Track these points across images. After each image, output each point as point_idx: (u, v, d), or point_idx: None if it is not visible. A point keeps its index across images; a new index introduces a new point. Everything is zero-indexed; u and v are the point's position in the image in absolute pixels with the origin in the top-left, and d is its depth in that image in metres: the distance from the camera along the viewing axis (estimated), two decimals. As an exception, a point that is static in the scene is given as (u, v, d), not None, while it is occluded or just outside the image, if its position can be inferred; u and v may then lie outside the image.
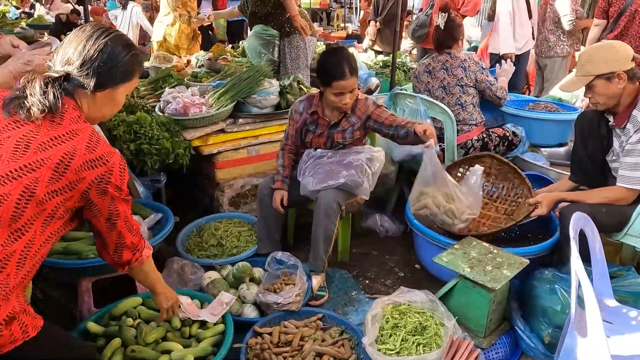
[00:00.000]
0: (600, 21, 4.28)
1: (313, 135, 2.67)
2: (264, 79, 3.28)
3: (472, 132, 3.18)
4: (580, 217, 1.84)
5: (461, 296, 2.13)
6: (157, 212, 2.59)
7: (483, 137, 3.21)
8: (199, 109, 3.05)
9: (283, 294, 2.24)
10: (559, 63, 5.12)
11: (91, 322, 1.99)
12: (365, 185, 2.50)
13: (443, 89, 3.18)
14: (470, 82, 3.16)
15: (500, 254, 2.20)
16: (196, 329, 2.01)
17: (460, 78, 3.15)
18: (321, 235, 2.45)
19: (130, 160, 2.78)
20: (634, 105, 2.24)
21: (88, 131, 1.36)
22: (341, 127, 2.62)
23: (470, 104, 3.18)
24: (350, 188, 2.50)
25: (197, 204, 3.49)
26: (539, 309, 2.09)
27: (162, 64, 4.30)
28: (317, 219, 2.47)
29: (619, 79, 2.20)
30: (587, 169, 2.51)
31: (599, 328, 1.55)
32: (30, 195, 1.26)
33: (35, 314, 1.36)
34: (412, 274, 2.83)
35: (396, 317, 2.02)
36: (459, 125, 3.13)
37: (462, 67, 3.16)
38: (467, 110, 3.17)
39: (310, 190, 2.51)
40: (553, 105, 3.73)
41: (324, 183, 2.48)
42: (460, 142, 3.15)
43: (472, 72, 3.16)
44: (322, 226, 2.45)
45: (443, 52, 3.25)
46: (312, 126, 2.67)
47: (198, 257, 2.71)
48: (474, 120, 3.19)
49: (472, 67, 3.17)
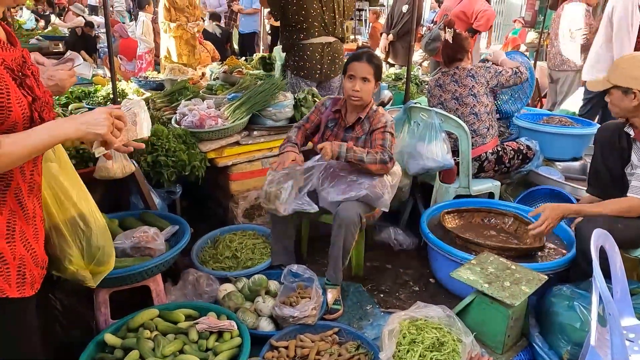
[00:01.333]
0: None
1: (330, 134, 2.72)
2: (279, 92, 3.30)
3: (487, 145, 3.18)
4: (600, 234, 1.82)
5: (479, 312, 2.12)
6: (173, 224, 2.61)
7: (498, 151, 3.21)
8: (214, 122, 3.08)
9: (299, 307, 2.24)
10: (572, 76, 5.12)
11: (109, 333, 2.00)
12: (386, 197, 2.52)
13: (456, 100, 3.20)
14: (482, 87, 3.17)
15: (518, 270, 2.19)
16: (213, 342, 2.02)
17: (471, 87, 3.17)
18: (341, 247, 2.44)
19: (147, 172, 2.81)
20: None
21: None
22: (355, 133, 2.66)
23: (484, 113, 3.18)
24: (371, 200, 2.50)
25: (212, 215, 3.50)
26: (557, 325, 2.07)
27: (177, 76, 4.34)
28: (338, 231, 2.45)
29: (634, 97, 2.20)
30: (605, 182, 2.50)
31: (621, 347, 1.54)
32: None
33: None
34: (426, 288, 2.82)
35: (413, 333, 2.01)
36: (474, 138, 3.13)
37: (471, 75, 3.18)
38: (482, 119, 3.17)
39: (330, 202, 2.51)
40: (568, 120, 3.73)
41: (346, 194, 2.48)
42: (475, 156, 3.15)
43: (481, 77, 3.18)
44: (342, 238, 2.43)
45: (452, 66, 3.26)
46: (331, 123, 2.74)
47: (213, 269, 2.72)
48: (489, 131, 3.19)
49: (480, 72, 3.19)
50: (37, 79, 1.32)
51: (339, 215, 2.46)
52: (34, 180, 1.34)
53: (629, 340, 1.83)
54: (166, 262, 2.31)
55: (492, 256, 2.31)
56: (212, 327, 2.04)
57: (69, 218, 1.63)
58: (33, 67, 1.32)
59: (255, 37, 8.79)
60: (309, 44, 3.69)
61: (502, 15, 12.82)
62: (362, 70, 2.54)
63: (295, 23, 3.66)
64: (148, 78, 4.76)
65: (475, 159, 3.17)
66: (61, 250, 1.62)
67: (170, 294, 2.49)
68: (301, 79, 3.81)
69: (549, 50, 5.37)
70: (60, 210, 1.61)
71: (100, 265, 1.74)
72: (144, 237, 2.32)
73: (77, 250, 1.66)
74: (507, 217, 2.91)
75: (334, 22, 3.74)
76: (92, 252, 1.69)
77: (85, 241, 1.67)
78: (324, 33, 3.71)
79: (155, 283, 2.36)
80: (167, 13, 5.67)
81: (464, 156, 3.04)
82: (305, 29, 3.65)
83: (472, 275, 2.14)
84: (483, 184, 3.20)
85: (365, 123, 2.65)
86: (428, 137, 3.00)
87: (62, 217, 1.61)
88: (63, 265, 1.63)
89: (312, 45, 3.69)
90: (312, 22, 3.64)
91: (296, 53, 3.74)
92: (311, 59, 3.73)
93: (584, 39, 4.90)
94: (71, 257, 1.63)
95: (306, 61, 3.73)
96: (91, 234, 1.68)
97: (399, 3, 6.61)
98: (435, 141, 2.98)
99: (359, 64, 2.55)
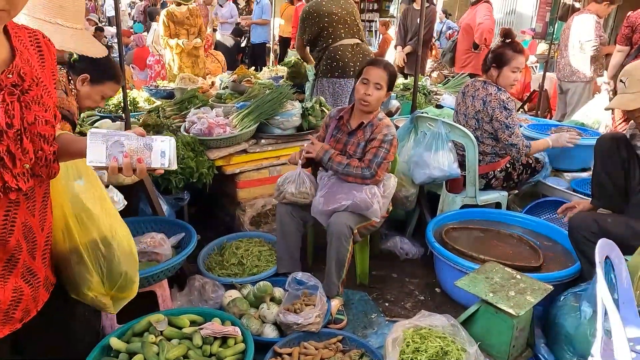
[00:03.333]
0: (623, 47, 4.27)
1: (332, 139, 2.73)
2: (287, 101, 3.34)
3: (495, 163, 3.12)
4: (605, 244, 1.81)
5: (483, 322, 2.11)
6: (181, 230, 2.64)
7: (506, 168, 3.15)
8: (223, 130, 3.11)
9: (303, 314, 2.24)
10: (582, 88, 5.10)
11: (114, 337, 2.02)
12: (375, 207, 2.49)
13: (464, 116, 3.16)
14: (487, 117, 3.01)
15: (523, 280, 2.18)
16: (217, 347, 2.02)
17: (477, 110, 3.04)
18: (333, 259, 2.45)
19: (155, 178, 2.84)
20: None
21: None
22: (357, 138, 2.65)
23: (487, 138, 3.06)
24: (360, 209, 2.49)
25: (219, 222, 3.53)
26: (563, 336, 2.05)
27: (187, 85, 4.40)
28: (330, 243, 2.47)
29: None
30: (609, 193, 2.48)
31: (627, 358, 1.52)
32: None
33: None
34: (432, 298, 2.81)
35: (417, 341, 2.00)
36: (480, 157, 3.05)
37: (483, 100, 3.01)
38: (486, 143, 3.07)
39: (319, 211, 2.53)
40: (576, 130, 3.71)
41: (334, 204, 2.49)
42: (482, 173, 3.10)
43: (490, 108, 2.97)
44: (334, 250, 2.44)
45: (482, 77, 3.14)
46: (336, 131, 2.75)
47: (219, 276, 2.73)
48: (495, 152, 3.10)
49: (492, 104, 2.96)
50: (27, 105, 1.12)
51: (329, 228, 2.47)
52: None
53: (636, 352, 1.81)
54: (172, 267, 2.33)
55: (497, 266, 2.30)
56: (216, 333, 2.05)
57: (89, 240, 1.51)
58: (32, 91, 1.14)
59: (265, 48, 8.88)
60: (339, 45, 3.95)
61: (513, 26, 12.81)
62: (377, 76, 2.54)
63: (322, 32, 3.93)
64: (159, 87, 4.83)
65: (483, 176, 3.12)
66: (80, 276, 1.50)
67: (176, 299, 2.51)
68: (336, 79, 4.01)
69: (558, 61, 5.36)
70: (82, 233, 1.49)
71: (123, 291, 1.62)
72: (151, 243, 2.34)
73: (97, 276, 1.53)
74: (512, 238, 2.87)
75: (357, 25, 4.03)
76: (113, 278, 1.56)
77: (107, 266, 1.54)
78: (350, 35, 3.97)
79: (161, 288, 2.39)
80: (165, 28, 5.67)
81: (470, 165, 3.03)
82: (332, 33, 3.93)
83: (477, 285, 2.13)
84: (490, 194, 3.19)
85: (368, 130, 2.63)
86: (435, 147, 3.00)
87: (83, 239, 1.49)
88: (82, 291, 1.52)
89: (342, 46, 3.96)
90: (336, 26, 3.92)
91: (328, 56, 3.98)
92: (343, 58, 3.96)
93: (594, 50, 4.89)
94: (90, 283, 1.51)
95: (339, 61, 3.96)
96: (113, 258, 1.54)
97: (412, 15, 6.59)
98: (441, 151, 2.98)
99: (374, 69, 2.56)
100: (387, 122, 2.66)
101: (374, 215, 2.52)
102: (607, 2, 4.89)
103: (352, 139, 2.67)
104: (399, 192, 3.18)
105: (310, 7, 3.94)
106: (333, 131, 2.75)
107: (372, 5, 15.90)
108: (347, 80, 4.00)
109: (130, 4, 15.58)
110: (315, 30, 3.94)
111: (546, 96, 6.21)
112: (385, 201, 2.62)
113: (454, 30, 11.17)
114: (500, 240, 2.85)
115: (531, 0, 12.07)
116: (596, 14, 4.91)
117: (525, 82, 6.77)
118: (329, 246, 2.47)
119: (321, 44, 3.99)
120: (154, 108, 3.78)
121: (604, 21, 5.35)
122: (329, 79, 4.02)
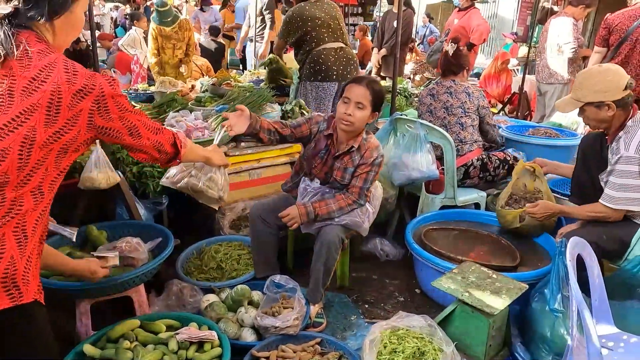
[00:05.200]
0: (600, 49, 4.32)
1: (320, 162, 2.56)
2: (266, 103, 3.33)
3: (472, 152, 3.24)
4: (577, 242, 1.84)
5: (460, 321, 2.12)
6: (157, 235, 2.60)
7: (482, 158, 3.25)
8: (201, 133, 3.09)
9: (281, 317, 2.23)
10: (560, 89, 5.17)
11: (88, 344, 1.98)
12: (366, 225, 2.56)
13: (445, 110, 3.27)
14: (473, 107, 3.26)
15: (499, 279, 2.20)
16: (193, 352, 2.00)
17: (463, 102, 3.25)
18: (322, 268, 2.42)
19: (132, 182, 2.81)
20: (621, 128, 2.31)
21: (60, 63, 1.31)
22: (343, 163, 2.50)
23: (470, 126, 3.26)
24: (351, 227, 2.52)
25: (198, 226, 3.49)
26: (538, 335, 2.07)
27: (167, 88, 4.37)
28: (319, 253, 2.43)
29: (609, 108, 2.25)
30: (587, 190, 2.52)
31: (598, 355, 1.54)
32: (31, 143, 1.25)
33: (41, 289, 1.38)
34: (412, 299, 2.81)
35: (394, 342, 2.00)
36: (459, 145, 3.20)
37: (466, 92, 3.27)
38: (468, 130, 3.25)
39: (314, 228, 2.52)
40: (552, 131, 3.77)
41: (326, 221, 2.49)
42: (460, 164, 3.20)
43: (475, 98, 3.27)
44: (323, 260, 2.41)
45: (448, 79, 3.34)
46: (323, 151, 2.56)
47: (197, 280, 2.71)
48: (474, 140, 3.26)
49: (476, 94, 3.29)
50: None
51: (320, 238, 2.44)
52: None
53: (608, 349, 1.84)
54: (148, 272, 2.30)
55: (473, 265, 2.32)
56: (193, 338, 2.03)
57: None
58: None
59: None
60: (322, 49, 3.96)
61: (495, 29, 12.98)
62: (358, 95, 2.37)
63: (305, 35, 3.94)
64: (139, 90, 4.79)
65: (462, 165, 3.22)
66: None
67: (153, 304, 2.48)
68: (319, 83, 4.02)
69: (537, 64, 5.43)
70: None
71: None
72: (126, 247, 2.31)
73: None
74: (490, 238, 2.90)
75: (340, 29, 4.05)
76: None
77: None
78: (333, 39, 3.99)
79: (137, 294, 2.35)
80: (154, 41, 5.75)
81: (448, 166, 3.06)
82: (315, 36, 3.94)
83: (453, 284, 2.15)
84: (469, 195, 3.22)
85: (356, 155, 2.48)
86: (413, 148, 3.03)
87: None
88: None
89: (325, 49, 3.97)
90: (320, 30, 3.93)
91: (311, 60, 3.99)
92: (326, 62, 3.97)
93: (572, 53, 4.96)
94: None
95: (322, 64, 3.97)
96: None
97: (389, 18, 6.74)
98: (420, 152, 3.00)
99: (356, 87, 2.39)
100: (374, 142, 2.52)
101: (364, 231, 2.58)
102: (584, 6, 4.97)
103: (339, 164, 2.51)
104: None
105: (294, 12, 3.96)
106: (321, 152, 2.57)
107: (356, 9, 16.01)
108: (330, 84, 4.02)
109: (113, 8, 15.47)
110: (299, 34, 3.96)
111: (526, 98, 6.30)
112: (374, 211, 2.64)
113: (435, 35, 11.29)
114: (478, 240, 2.87)
115: (512, 5, 12.24)
116: (573, 17, 4.98)
117: (506, 85, 6.86)
118: (318, 255, 2.42)
119: (304, 48, 4.01)
120: (132, 112, 3.73)
121: (584, 25, 5.43)
122: (312, 83, 4.03)
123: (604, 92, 2.25)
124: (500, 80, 6.86)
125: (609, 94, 2.24)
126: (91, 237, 2.44)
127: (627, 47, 4.06)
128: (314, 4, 3.96)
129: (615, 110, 2.25)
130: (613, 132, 2.35)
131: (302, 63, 4.08)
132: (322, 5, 3.98)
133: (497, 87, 6.85)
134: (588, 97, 2.29)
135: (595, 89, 2.27)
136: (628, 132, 2.26)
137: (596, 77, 2.31)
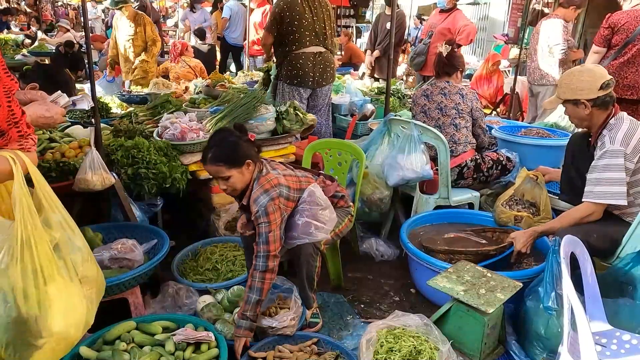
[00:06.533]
0: (599, 49, 4.23)
1: (244, 216, 2.45)
2: (261, 105, 3.33)
3: (466, 153, 3.26)
4: (570, 240, 1.86)
5: (455, 320, 2.14)
6: (153, 236, 2.61)
7: (476, 159, 3.27)
8: (196, 134, 3.09)
9: (278, 318, 2.24)
10: (551, 91, 5.21)
11: (84, 346, 1.98)
12: (321, 236, 2.32)
13: (439, 110, 3.28)
14: (467, 108, 3.27)
15: (494, 278, 2.22)
16: (190, 353, 2.00)
17: (457, 103, 3.26)
18: (303, 278, 2.39)
19: (127, 184, 2.80)
20: (603, 126, 2.38)
21: None
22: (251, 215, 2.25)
23: (464, 127, 3.27)
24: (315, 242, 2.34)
25: (194, 228, 3.49)
26: (533, 333, 2.09)
27: (160, 90, 4.36)
28: (299, 265, 2.36)
29: (585, 106, 2.36)
30: (577, 188, 2.55)
31: (591, 352, 1.56)
32: None
33: None
34: (407, 298, 2.83)
35: (390, 341, 2.02)
36: (453, 146, 3.21)
37: (460, 94, 3.27)
38: (462, 132, 3.26)
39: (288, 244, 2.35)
40: (545, 131, 3.80)
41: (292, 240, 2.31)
42: (454, 165, 3.21)
43: (469, 100, 3.28)
44: (304, 271, 2.36)
45: (442, 80, 3.35)
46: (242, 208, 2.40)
47: (193, 281, 2.70)
48: (467, 141, 3.28)
49: (470, 96, 3.30)
50: None
51: (297, 252, 2.33)
52: None
53: (601, 345, 1.86)
54: (144, 274, 2.30)
55: (468, 264, 2.33)
56: (189, 339, 2.03)
57: None
58: None
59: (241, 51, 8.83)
60: (302, 53, 3.94)
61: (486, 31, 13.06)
62: (214, 172, 2.21)
63: (288, 34, 3.92)
64: (132, 92, 4.77)
65: (456, 166, 3.24)
66: None
67: (149, 306, 2.47)
68: (295, 87, 4.03)
69: (528, 65, 5.47)
70: None
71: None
72: (121, 249, 2.31)
73: None
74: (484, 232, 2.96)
75: (325, 33, 4.02)
76: None
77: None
78: (315, 43, 3.96)
79: (133, 295, 2.35)
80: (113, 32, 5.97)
81: (442, 167, 3.08)
82: (298, 39, 3.92)
83: (448, 283, 2.16)
84: (463, 195, 3.24)
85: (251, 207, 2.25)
86: (407, 149, 3.05)
87: None
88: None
89: (304, 54, 3.95)
90: (304, 32, 3.91)
91: (289, 63, 3.99)
92: (304, 67, 3.96)
93: (563, 54, 5.00)
94: None
95: (299, 69, 3.97)
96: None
97: (382, 20, 6.77)
98: (414, 153, 3.02)
99: (207, 167, 2.22)
100: (257, 191, 2.20)
101: (323, 239, 2.36)
102: (574, 7, 5.03)
103: (249, 215, 2.31)
104: (373, 194, 3.21)
105: (286, 4, 3.93)
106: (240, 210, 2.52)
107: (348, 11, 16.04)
108: (306, 90, 4.09)
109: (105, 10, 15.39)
110: (284, 29, 3.94)
111: (518, 99, 6.35)
112: (332, 216, 2.39)
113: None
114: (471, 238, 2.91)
115: (503, 6, 12.33)
116: (564, 19, 5.03)
117: (498, 86, 6.91)
118: (299, 268, 2.37)
119: (284, 48, 4.00)
120: (126, 114, 3.73)
121: (574, 26, 5.47)
122: (289, 86, 4.07)
123: (580, 91, 2.36)
124: (491, 82, 6.92)
125: (584, 92, 2.35)
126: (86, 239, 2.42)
127: (635, 48, 3.98)
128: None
129: (590, 108, 2.35)
130: (595, 131, 2.43)
131: (280, 63, 4.09)
132: (313, 2, 3.97)
133: (488, 88, 6.91)
134: (566, 94, 2.42)
135: (571, 87, 2.40)
136: (611, 129, 2.35)
137: (575, 76, 2.41)
